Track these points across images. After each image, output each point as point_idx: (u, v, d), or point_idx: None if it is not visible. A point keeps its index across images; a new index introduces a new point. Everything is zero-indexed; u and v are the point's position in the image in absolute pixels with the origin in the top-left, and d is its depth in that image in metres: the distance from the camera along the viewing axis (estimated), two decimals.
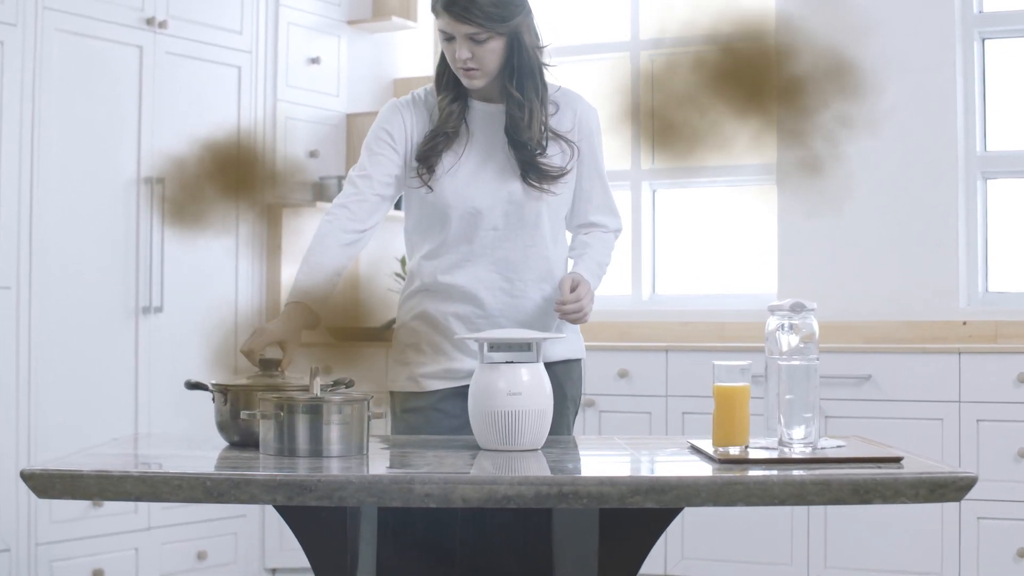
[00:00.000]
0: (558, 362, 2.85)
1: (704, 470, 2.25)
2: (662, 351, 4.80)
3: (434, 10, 2.71)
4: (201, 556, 4.76)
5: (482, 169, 2.78)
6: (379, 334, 5.22)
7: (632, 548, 2.30)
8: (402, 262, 5.44)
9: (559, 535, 2.41)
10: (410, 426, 2.82)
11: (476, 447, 2.48)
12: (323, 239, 2.74)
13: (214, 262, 4.86)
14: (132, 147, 4.58)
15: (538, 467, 2.28)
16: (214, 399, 2.54)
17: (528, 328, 2.76)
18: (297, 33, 5.21)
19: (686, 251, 5.55)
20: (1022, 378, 4.34)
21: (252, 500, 2.11)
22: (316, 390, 2.37)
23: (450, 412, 2.76)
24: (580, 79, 5.25)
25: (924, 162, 4.94)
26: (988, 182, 4.98)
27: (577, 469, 2.25)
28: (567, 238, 2.93)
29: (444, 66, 2.79)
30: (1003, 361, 4.36)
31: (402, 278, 5.46)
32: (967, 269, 4.93)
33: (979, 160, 4.96)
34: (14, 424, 4.22)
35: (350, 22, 5.49)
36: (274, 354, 2.58)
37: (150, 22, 4.61)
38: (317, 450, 2.33)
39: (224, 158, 4.62)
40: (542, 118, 2.77)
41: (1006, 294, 4.94)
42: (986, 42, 4.99)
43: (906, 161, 4.96)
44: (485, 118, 2.81)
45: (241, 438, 2.51)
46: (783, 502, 2.12)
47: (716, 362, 2.38)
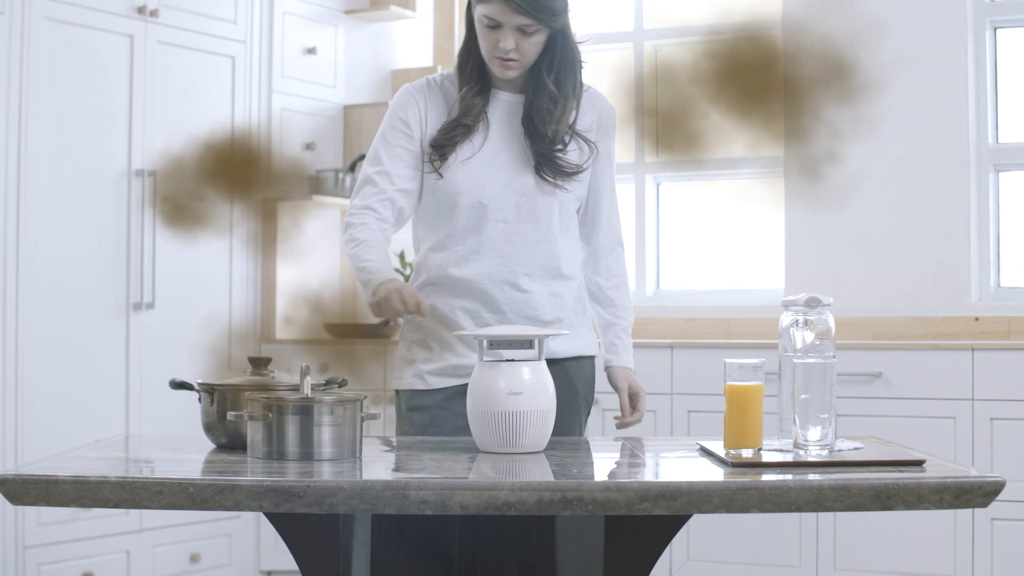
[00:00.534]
0: (569, 358, 2.77)
1: (715, 474, 2.13)
2: (667, 348, 4.70)
3: None
4: (194, 558, 4.67)
5: (496, 159, 2.70)
6: (376, 331, 5.14)
7: (639, 556, 2.20)
8: (400, 257, 5.35)
9: (562, 542, 2.30)
10: (416, 425, 2.72)
11: (475, 449, 2.37)
12: (370, 236, 2.64)
13: (207, 257, 4.79)
14: (123, 139, 4.50)
15: (540, 471, 2.16)
16: (200, 399, 2.43)
17: (538, 324, 2.68)
18: (293, 22, 5.13)
19: (691, 246, 5.46)
20: None
21: (237, 507, 2.00)
22: (306, 390, 2.26)
23: (458, 411, 2.66)
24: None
25: (934, 154, 4.85)
26: (1000, 174, 4.89)
27: (582, 473, 2.13)
28: (576, 231, 2.84)
29: (469, 55, 2.69)
30: (1018, 358, 4.26)
31: (400, 273, 5.37)
32: (979, 263, 4.84)
33: (991, 152, 4.86)
34: (0, 423, 4.12)
35: (347, 11, 5.40)
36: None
37: (141, 11, 4.52)
38: (308, 453, 2.22)
39: (219, 156, 4.54)
40: (572, 115, 2.71)
41: (1019, 289, 4.85)
42: (998, 31, 4.89)
43: (916, 153, 4.87)
44: (505, 108, 2.73)
45: (229, 440, 2.41)
46: (800, 508, 2.00)
47: (728, 360, 2.26)
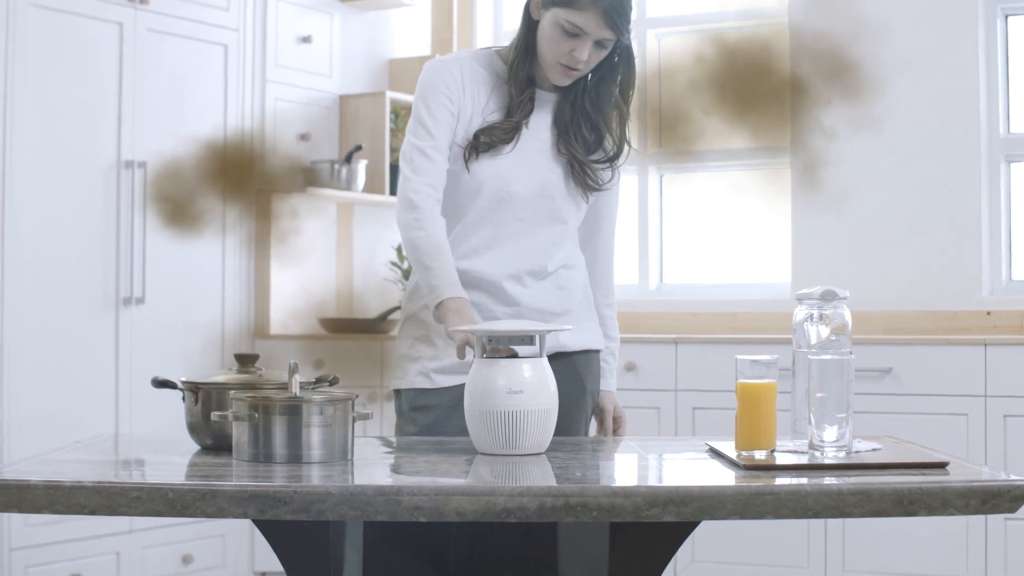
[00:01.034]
0: (577, 352, 2.67)
1: (727, 478, 2.02)
2: (671, 343, 4.61)
3: (577, 5, 2.48)
4: (186, 560, 4.57)
5: (524, 158, 2.61)
6: (374, 326, 5.05)
7: (645, 563, 2.08)
8: (398, 250, 5.25)
9: (565, 550, 2.18)
10: (420, 426, 2.61)
11: (474, 451, 2.26)
12: (435, 226, 2.52)
13: (199, 251, 4.69)
14: (112, 130, 4.40)
15: (542, 475, 2.05)
16: (184, 398, 2.32)
17: (547, 317, 2.59)
18: (287, 10, 5.02)
19: (695, 238, 5.38)
20: None
21: (220, 514, 1.89)
22: (295, 389, 2.14)
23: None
24: None
25: (944, 145, 4.76)
26: (1012, 165, 4.81)
27: (585, 477, 2.02)
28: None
29: (527, 57, 2.59)
30: None
31: (397, 267, 5.27)
32: (990, 256, 4.75)
33: (1002, 142, 4.78)
34: None
35: None
36: None
37: None
38: (296, 456, 2.10)
39: (215, 158, 4.47)
40: (625, 130, 2.67)
41: None
42: (1009, 19, 4.81)
43: (925, 144, 4.78)
44: (541, 107, 2.64)
45: (214, 441, 2.30)
46: (817, 515, 1.89)
47: (739, 356, 2.15)
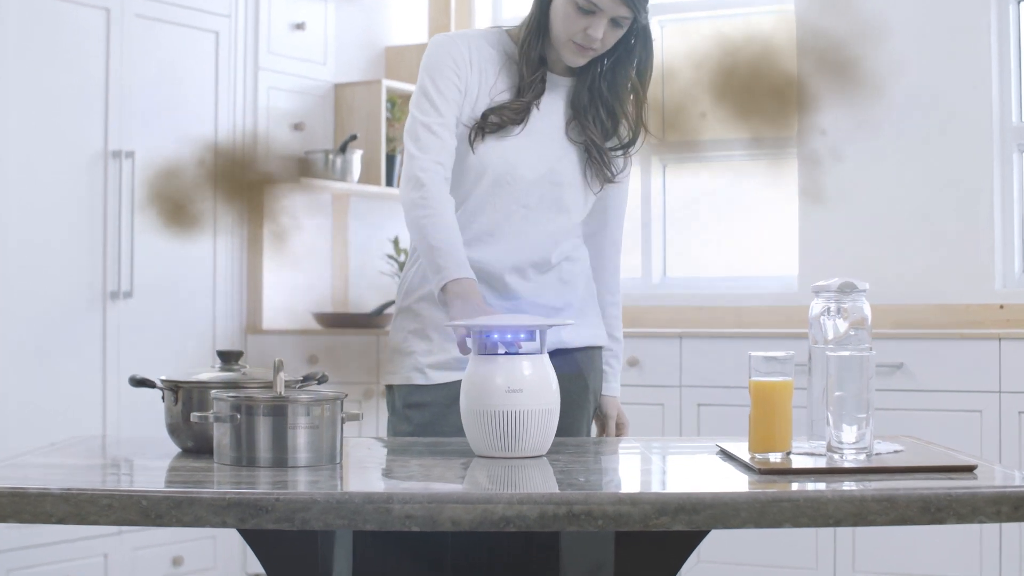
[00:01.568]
0: (580, 348, 2.55)
1: (740, 483, 1.90)
2: (675, 338, 4.52)
3: None
4: (177, 562, 4.47)
5: (532, 143, 2.48)
6: (370, 321, 4.95)
7: (653, 574, 1.95)
8: (394, 243, 5.15)
9: (568, 559, 2.06)
10: (414, 424, 2.48)
11: (471, 453, 2.13)
12: (442, 205, 2.38)
13: (189, 243, 4.62)
14: (99, 118, 4.32)
15: (543, 479, 1.92)
16: (164, 398, 2.19)
17: (548, 312, 2.46)
18: None
19: (699, 230, 5.29)
20: None
21: (197, 523, 1.76)
22: (279, 388, 2.01)
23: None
24: None
25: (955, 133, 4.68)
26: None
27: (589, 483, 1.89)
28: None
29: (539, 36, 2.47)
30: None
31: (394, 260, 5.15)
32: (1003, 248, 4.67)
33: (1015, 131, 4.69)
34: None
35: None
36: None
37: None
38: (281, 459, 1.98)
39: (205, 160, 4.39)
40: (642, 114, 2.54)
41: None
42: (1022, 4, 4.71)
43: (936, 133, 4.70)
44: (553, 91, 2.52)
45: (195, 444, 2.17)
46: (839, 523, 1.76)
47: (753, 353, 2.02)
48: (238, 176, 4.62)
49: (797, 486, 1.84)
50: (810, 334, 2.13)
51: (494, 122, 2.45)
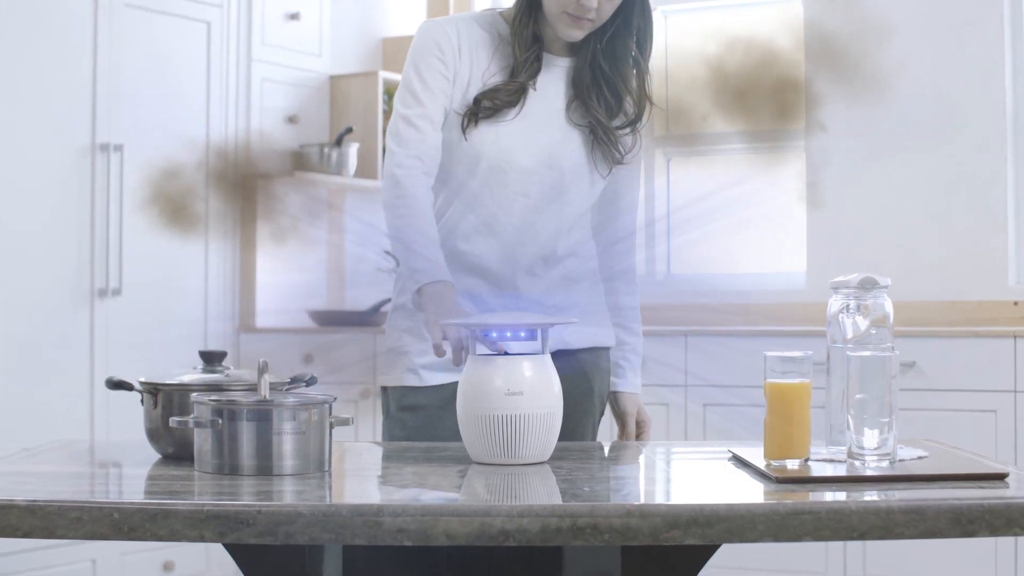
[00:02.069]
0: (584, 349, 2.42)
1: (755, 492, 1.79)
2: (680, 335, 4.44)
3: None
4: (167, 567, 4.38)
5: (530, 127, 2.36)
6: (366, 319, 4.86)
7: None
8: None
9: (572, 574, 1.94)
10: (408, 428, 2.37)
11: (467, 459, 2.01)
12: (418, 203, 2.29)
13: (180, 238, 4.54)
14: (86, 111, 4.25)
15: (545, 489, 1.80)
16: (143, 401, 2.07)
17: (549, 310, 2.34)
18: None
19: (704, 226, 5.15)
20: None
21: (173, 537, 1.64)
22: (264, 391, 1.89)
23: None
24: None
25: (968, 126, 4.58)
26: None
27: (595, 493, 1.76)
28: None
29: (531, 13, 2.35)
30: None
31: (391, 256, 5.05)
32: (1016, 244, 4.59)
33: None
34: None
35: None
36: None
37: None
38: (265, 467, 1.86)
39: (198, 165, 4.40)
40: (645, 86, 2.41)
41: None
42: None
43: (948, 126, 4.59)
44: (550, 73, 2.39)
45: (176, 450, 2.05)
46: (863, 536, 1.64)
47: (768, 353, 1.90)
48: (230, 173, 4.53)
49: (817, 496, 1.72)
50: (828, 333, 2.02)
51: (487, 106, 2.33)
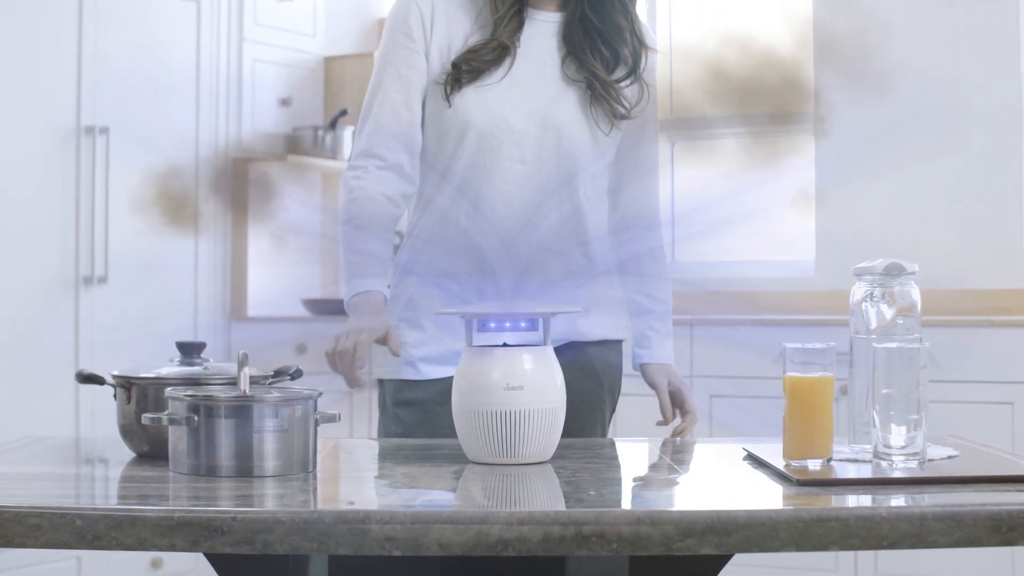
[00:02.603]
0: (594, 342, 2.28)
1: (775, 496, 1.66)
2: (686, 325, 4.32)
3: None
4: (156, 564, 4.28)
5: (520, 85, 2.21)
6: None
7: None
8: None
9: None
10: (403, 424, 2.23)
11: (464, 459, 1.87)
12: (370, 202, 2.19)
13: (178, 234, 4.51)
14: (71, 92, 4.18)
15: (547, 493, 1.67)
16: (116, 396, 1.94)
17: (550, 297, 2.20)
18: None
19: (710, 211, 5.02)
20: None
21: (141, 545, 1.51)
22: (244, 385, 1.75)
23: None
24: None
25: (981, 108, 4.50)
26: None
27: (601, 497, 1.63)
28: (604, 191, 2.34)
29: None
30: None
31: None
32: None
33: None
34: None
35: None
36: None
37: None
38: (245, 468, 1.72)
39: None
40: (640, 34, 2.28)
41: None
42: None
43: (960, 107, 4.51)
44: (538, 30, 2.25)
45: (151, 448, 1.92)
46: (894, 545, 1.50)
47: (788, 344, 1.77)
48: (220, 157, 4.45)
49: (840, 499, 1.59)
50: (851, 322, 1.89)
51: (468, 69, 2.19)
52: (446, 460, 1.88)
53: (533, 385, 1.83)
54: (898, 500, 1.59)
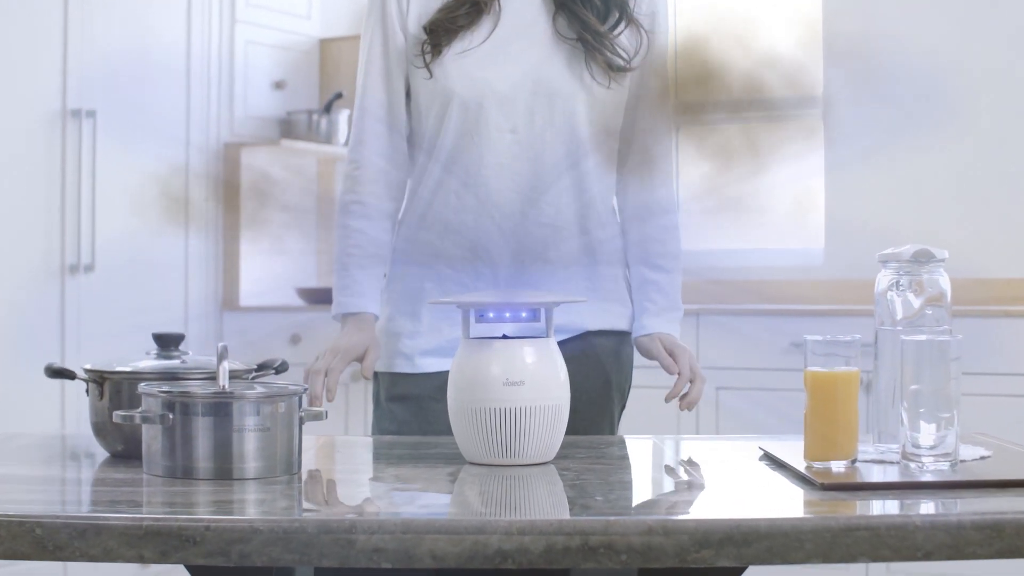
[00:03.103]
0: (600, 332, 2.15)
1: (796, 502, 1.54)
2: (691, 315, 4.19)
3: None
4: (144, 563, 4.09)
5: (506, 48, 2.09)
6: None
7: None
8: None
9: None
10: (397, 420, 2.12)
11: (460, 459, 1.76)
12: (360, 224, 2.14)
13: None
14: (56, 74, 4.12)
15: (550, 499, 1.56)
16: (88, 391, 1.83)
17: (552, 284, 2.09)
18: None
19: (716, 198, 4.97)
20: None
21: (107, 556, 1.40)
22: (223, 380, 1.63)
23: None
24: None
25: (995, 93, 4.42)
26: None
27: (609, 503, 1.51)
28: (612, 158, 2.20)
29: None
30: None
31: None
32: None
33: None
34: None
35: None
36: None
37: None
38: (224, 470, 1.61)
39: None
40: None
41: None
42: None
43: (971, 90, 4.43)
44: None
45: (126, 447, 1.81)
46: (929, 555, 1.38)
47: (810, 336, 1.65)
48: (212, 143, 4.38)
49: (866, 505, 1.48)
50: (876, 313, 1.78)
51: (443, 31, 2.07)
52: (441, 461, 1.76)
53: (535, 380, 1.72)
54: (931, 507, 1.47)
